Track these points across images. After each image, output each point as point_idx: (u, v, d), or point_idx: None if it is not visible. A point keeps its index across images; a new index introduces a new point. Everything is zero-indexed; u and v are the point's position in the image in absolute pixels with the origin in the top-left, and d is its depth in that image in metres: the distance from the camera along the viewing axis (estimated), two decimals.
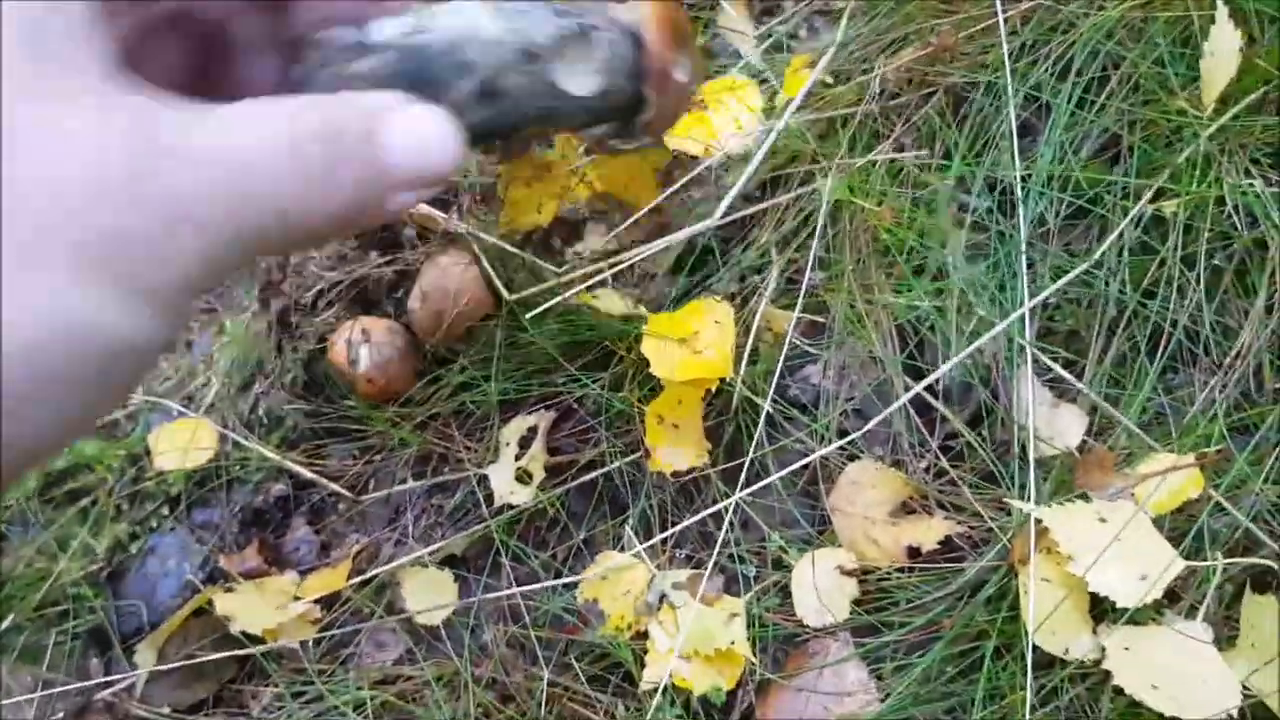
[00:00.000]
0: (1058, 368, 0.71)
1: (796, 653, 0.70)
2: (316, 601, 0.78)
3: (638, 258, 0.78)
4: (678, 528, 0.74)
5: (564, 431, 0.83)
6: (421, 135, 0.35)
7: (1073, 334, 0.75)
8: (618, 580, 0.75)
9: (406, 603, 0.78)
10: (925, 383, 0.70)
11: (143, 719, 0.75)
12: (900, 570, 0.71)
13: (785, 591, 0.73)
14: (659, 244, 0.77)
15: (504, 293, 0.81)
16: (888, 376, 0.76)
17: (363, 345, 0.82)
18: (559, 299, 0.77)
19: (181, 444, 0.86)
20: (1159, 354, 0.71)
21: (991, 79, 0.76)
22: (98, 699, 0.77)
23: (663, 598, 0.73)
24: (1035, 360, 0.70)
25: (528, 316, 0.76)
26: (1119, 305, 0.72)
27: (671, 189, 0.84)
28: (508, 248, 0.83)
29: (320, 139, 0.32)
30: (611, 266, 0.78)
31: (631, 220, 0.83)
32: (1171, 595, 0.64)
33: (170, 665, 0.76)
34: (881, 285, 0.78)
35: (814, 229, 0.81)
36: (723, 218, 0.77)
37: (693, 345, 0.78)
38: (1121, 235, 0.72)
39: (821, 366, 0.79)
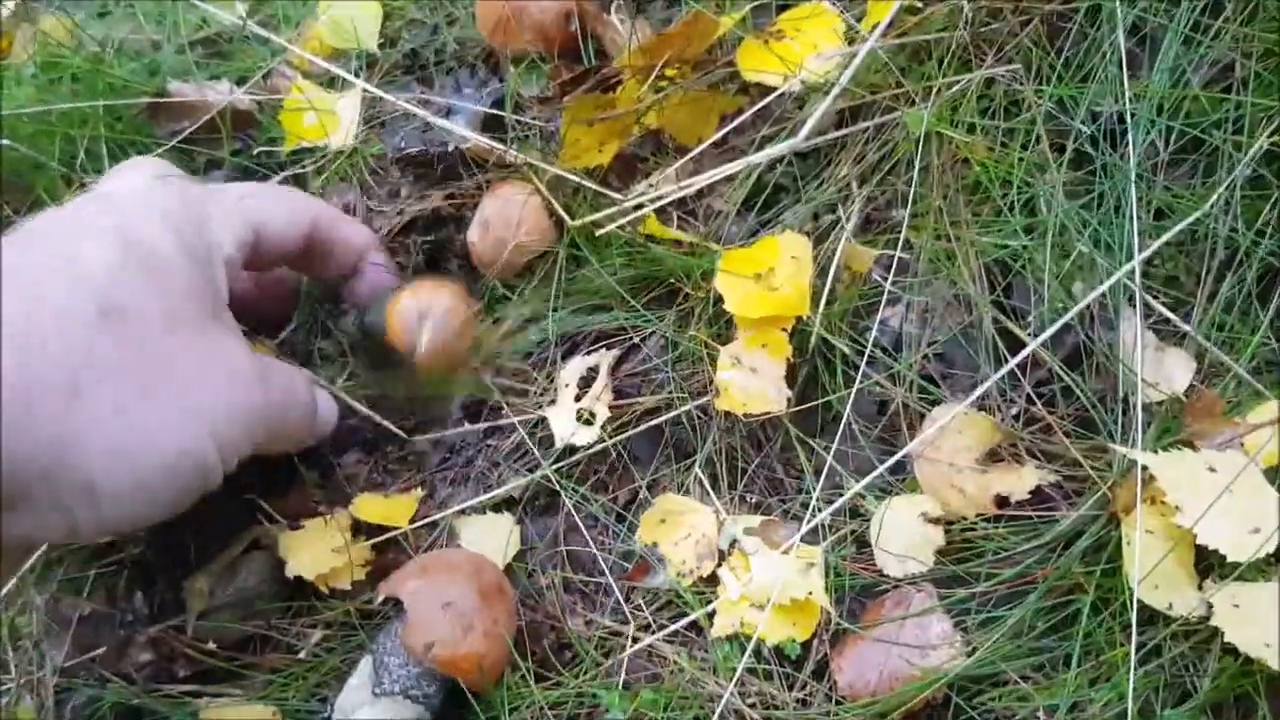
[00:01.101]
0: (1165, 310, 0.66)
1: (875, 604, 0.67)
2: (372, 545, 0.75)
3: (708, 180, 0.74)
4: (750, 467, 0.71)
5: (625, 372, 0.80)
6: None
7: (1171, 276, 0.71)
8: (677, 524, 0.72)
9: (463, 546, 0.75)
10: (1043, 338, 0.66)
11: (188, 655, 0.73)
12: (987, 520, 0.67)
13: (861, 541, 0.69)
14: (735, 165, 0.73)
15: (566, 218, 0.77)
16: (974, 319, 0.72)
17: (423, 325, 0.76)
18: (626, 219, 0.73)
19: None
20: (1272, 299, 0.67)
21: (1095, 2, 0.71)
22: (141, 634, 0.74)
23: (733, 543, 0.70)
24: (1142, 302, 0.66)
25: (597, 233, 0.72)
26: (1229, 245, 0.68)
27: (739, 119, 0.80)
28: (569, 176, 0.79)
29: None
30: (681, 190, 0.74)
31: (690, 155, 0.79)
32: None
33: (219, 601, 0.74)
34: (969, 222, 0.73)
35: (896, 163, 0.77)
36: (803, 143, 0.73)
37: (768, 281, 0.74)
38: (1233, 171, 0.67)
39: (903, 308, 0.75)
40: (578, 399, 0.78)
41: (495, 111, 0.85)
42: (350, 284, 0.79)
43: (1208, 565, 0.60)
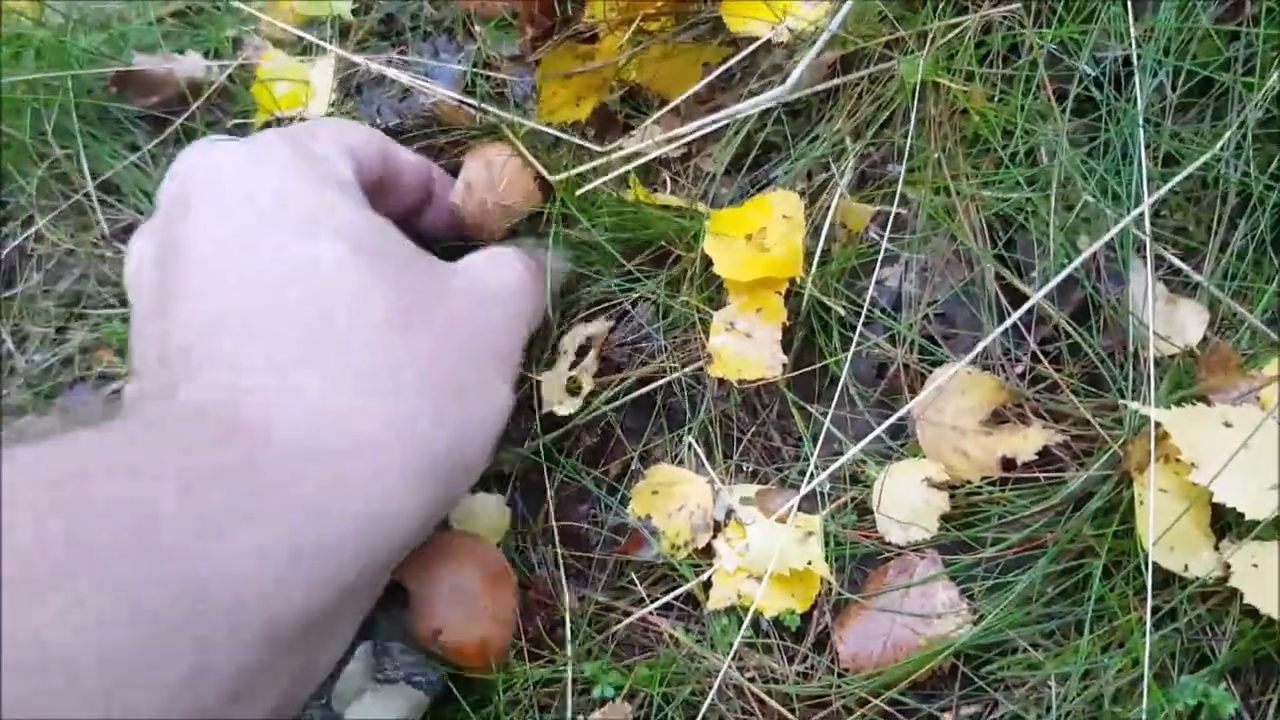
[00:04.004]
0: (1176, 259, 0.63)
1: (878, 572, 0.64)
2: None
3: (693, 133, 0.70)
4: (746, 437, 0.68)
5: (615, 341, 0.77)
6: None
7: (1180, 226, 0.68)
8: (671, 494, 0.69)
9: (450, 526, 0.73)
10: (1047, 289, 0.63)
11: None
12: (992, 484, 0.64)
13: (863, 508, 0.66)
14: (720, 116, 0.69)
15: (545, 174, 0.73)
16: (975, 275, 0.69)
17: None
18: (614, 174, 0.69)
19: None
20: None
21: None
22: None
23: (729, 513, 0.67)
24: (1152, 252, 0.63)
25: (579, 190, 0.69)
26: (1240, 191, 0.65)
27: (723, 67, 0.76)
28: (547, 130, 0.75)
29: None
30: (668, 143, 0.71)
31: (671, 106, 0.75)
32: None
33: None
34: (969, 175, 0.70)
35: (892, 115, 0.74)
36: (789, 94, 0.70)
37: (759, 242, 0.71)
38: (1245, 113, 0.64)
39: (902, 266, 0.72)
40: (572, 367, 0.75)
41: (474, 70, 0.82)
42: (423, 216, 0.75)
43: (1225, 524, 0.58)
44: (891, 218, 0.71)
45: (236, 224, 0.56)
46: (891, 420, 0.62)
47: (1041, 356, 0.65)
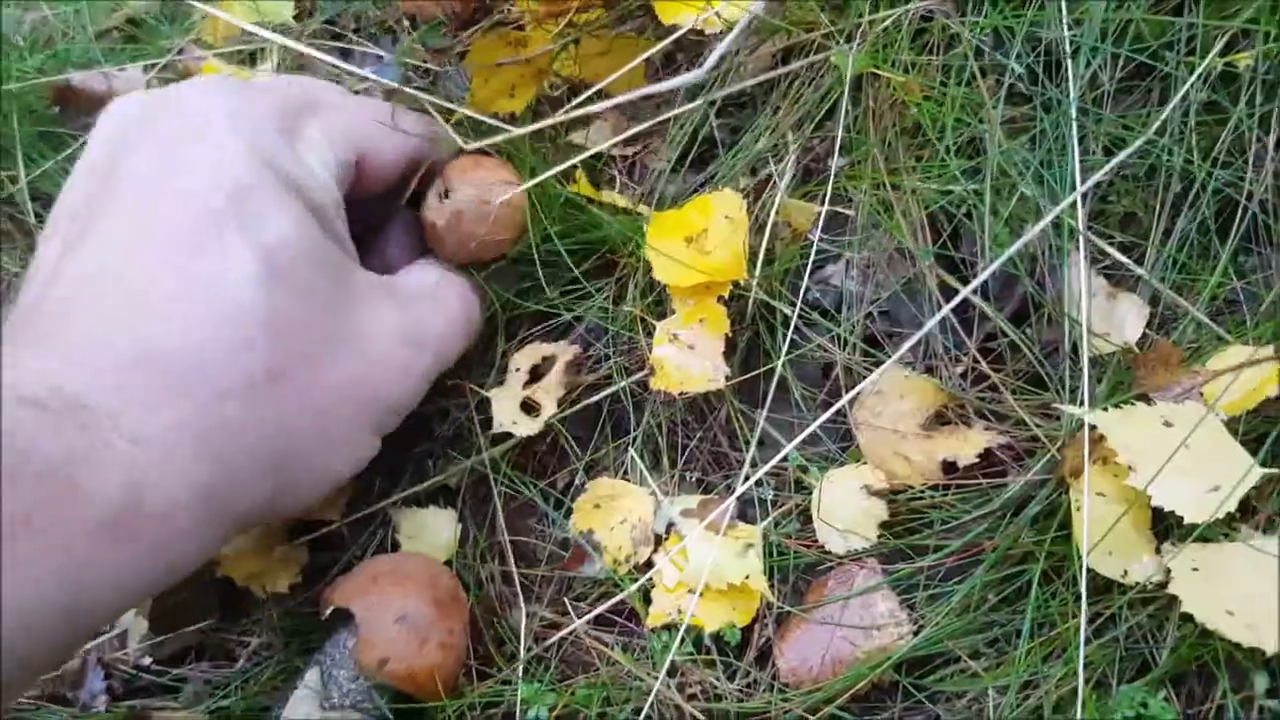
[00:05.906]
0: (1115, 252, 0.61)
1: (818, 583, 0.63)
2: (310, 543, 0.72)
3: (602, 107, 0.67)
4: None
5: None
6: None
7: (1128, 215, 0.66)
8: (613, 508, 0.68)
9: (402, 544, 0.72)
10: (975, 283, 0.61)
11: (119, 671, 0.70)
12: (934, 488, 0.63)
13: (805, 516, 0.65)
14: (640, 91, 0.65)
15: (462, 145, 0.70)
16: (917, 272, 0.68)
17: None
18: (560, 167, 0.67)
19: None
20: (1231, 233, 0.62)
21: None
22: (76, 654, 0.72)
23: (670, 526, 0.66)
24: (1089, 245, 0.61)
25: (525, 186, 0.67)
26: (1184, 178, 0.63)
27: (646, 54, 0.73)
28: (474, 115, 0.72)
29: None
30: (605, 133, 0.69)
31: (593, 91, 0.72)
32: (1246, 508, 0.56)
33: (150, 612, 0.71)
34: (910, 169, 0.68)
35: (833, 108, 0.72)
36: (705, 74, 0.67)
37: (700, 245, 0.69)
38: (1186, 96, 0.62)
39: (844, 264, 0.70)
40: (526, 385, 0.74)
41: (403, 61, 0.81)
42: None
43: (1165, 527, 0.56)
44: (824, 215, 0.69)
45: (162, 200, 0.53)
46: (822, 419, 0.60)
47: (981, 356, 0.64)
